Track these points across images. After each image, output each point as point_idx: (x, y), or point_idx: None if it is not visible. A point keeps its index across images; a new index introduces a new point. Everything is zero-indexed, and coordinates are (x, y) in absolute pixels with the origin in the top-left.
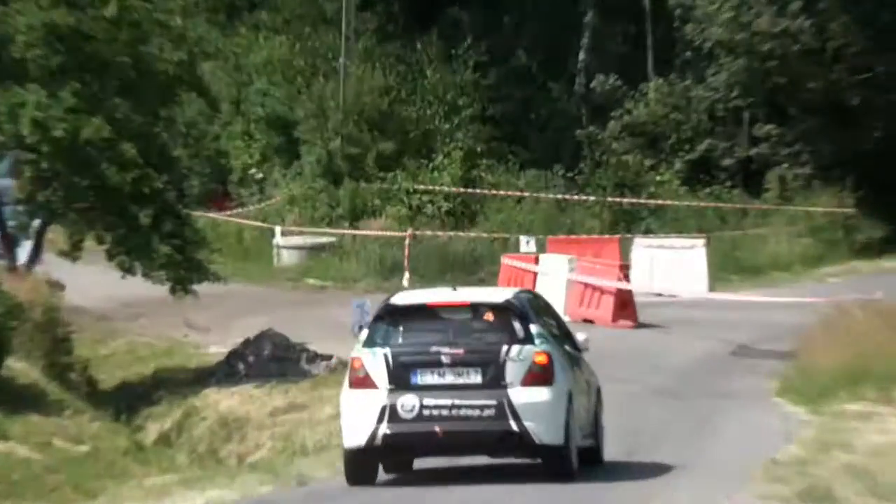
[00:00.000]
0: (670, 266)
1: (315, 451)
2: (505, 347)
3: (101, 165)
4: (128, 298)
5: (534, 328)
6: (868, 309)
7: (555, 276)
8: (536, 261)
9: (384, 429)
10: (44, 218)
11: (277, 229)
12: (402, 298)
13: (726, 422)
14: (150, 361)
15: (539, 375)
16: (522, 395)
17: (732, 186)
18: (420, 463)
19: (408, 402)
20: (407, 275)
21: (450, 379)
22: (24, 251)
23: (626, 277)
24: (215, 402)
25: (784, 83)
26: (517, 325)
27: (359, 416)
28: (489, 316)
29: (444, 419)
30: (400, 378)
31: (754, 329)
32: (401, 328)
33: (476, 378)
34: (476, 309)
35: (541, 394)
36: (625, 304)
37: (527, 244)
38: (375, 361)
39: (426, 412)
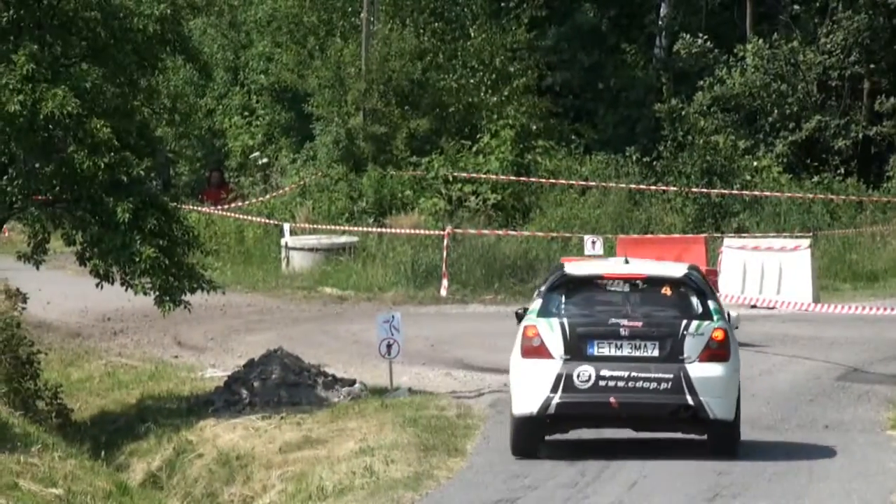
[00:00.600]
0: (767, 272)
1: (335, 494)
2: (684, 322)
3: (68, 148)
4: (105, 311)
5: (711, 304)
6: None
7: None
8: None
9: (558, 398)
10: None
11: (286, 227)
12: (576, 269)
13: (831, 459)
14: (133, 387)
15: (716, 352)
16: (700, 370)
17: (846, 174)
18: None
19: (584, 372)
20: (445, 282)
21: (627, 351)
22: None
23: (714, 285)
24: (213, 435)
25: None
26: (694, 300)
27: (531, 385)
28: (667, 290)
29: (620, 391)
30: (576, 348)
31: (868, 348)
32: (576, 298)
33: (654, 351)
34: (653, 282)
35: (717, 369)
36: None
37: (592, 245)
38: (551, 331)
39: (602, 383)
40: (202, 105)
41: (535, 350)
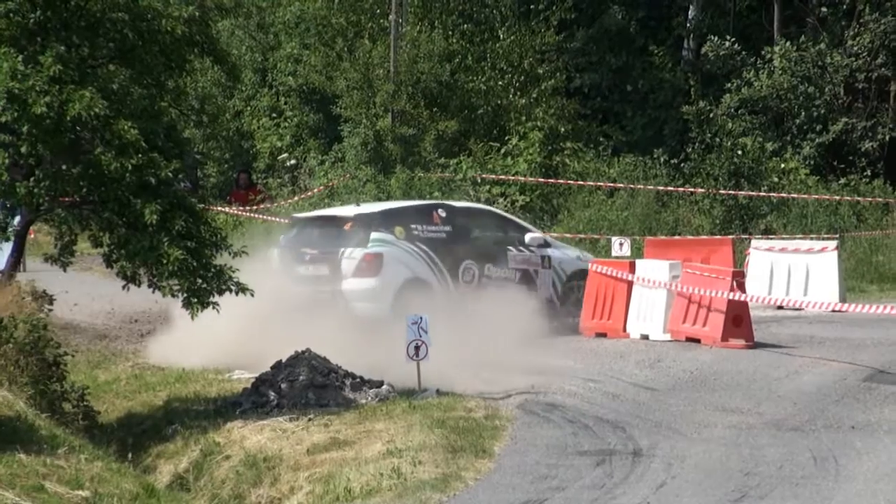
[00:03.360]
0: (795, 273)
1: (363, 495)
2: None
3: (95, 149)
4: (131, 313)
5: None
6: None
7: (654, 285)
8: (632, 267)
9: None
10: (25, 215)
11: None
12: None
13: (857, 460)
14: (160, 389)
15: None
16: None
17: (874, 176)
18: None
19: None
20: None
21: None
22: (2, 256)
23: (742, 287)
24: (241, 437)
25: None
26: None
27: None
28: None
29: None
30: None
31: (894, 349)
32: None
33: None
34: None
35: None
36: (738, 320)
37: (620, 247)
38: None
39: None
40: (230, 107)
41: None
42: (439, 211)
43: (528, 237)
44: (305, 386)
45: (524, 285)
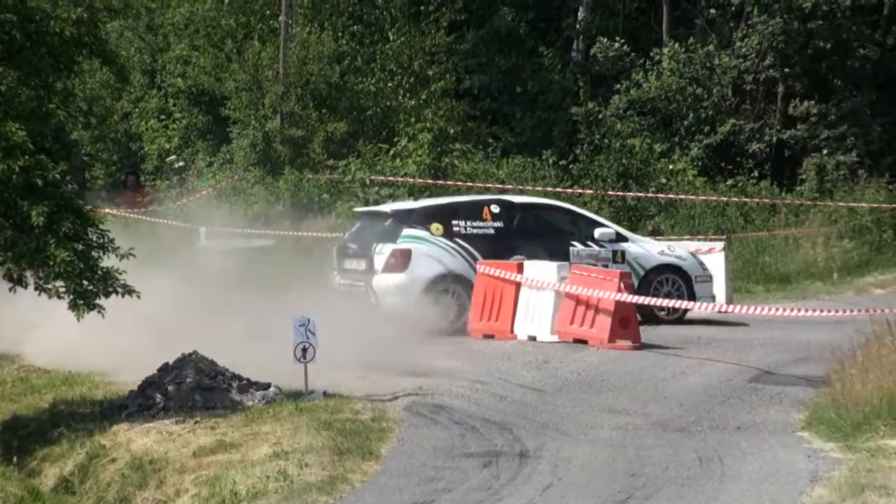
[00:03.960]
0: None
1: (249, 498)
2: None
3: None
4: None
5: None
6: None
7: (542, 287)
8: (519, 269)
9: None
10: None
11: (202, 230)
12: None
13: (743, 460)
14: (45, 392)
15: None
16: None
17: (761, 177)
18: None
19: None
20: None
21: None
22: None
23: (629, 288)
24: (127, 440)
25: (829, 49)
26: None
27: None
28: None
29: None
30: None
31: (780, 350)
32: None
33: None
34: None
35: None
36: (626, 321)
37: None
38: None
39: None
40: (118, 108)
41: None
42: (492, 207)
43: (597, 232)
44: (192, 388)
45: None
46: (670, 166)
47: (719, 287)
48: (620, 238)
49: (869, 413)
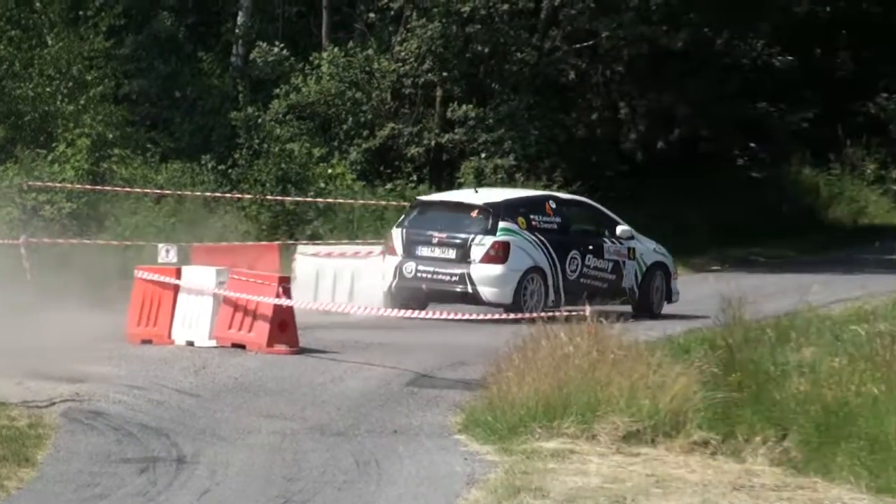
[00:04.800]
0: (340, 278)
1: None
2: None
3: None
4: None
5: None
6: (574, 329)
7: (200, 292)
8: (178, 274)
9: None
10: None
11: None
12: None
13: (400, 464)
14: None
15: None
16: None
17: (419, 181)
18: None
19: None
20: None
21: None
22: None
23: (287, 293)
24: None
25: (487, 53)
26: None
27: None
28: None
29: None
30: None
31: (438, 354)
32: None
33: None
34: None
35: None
36: (284, 326)
37: (166, 254)
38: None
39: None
40: None
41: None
42: (550, 202)
43: (619, 229)
44: None
45: (614, 276)
46: (329, 171)
47: (378, 291)
48: (632, 236)
49: (525, 415)
